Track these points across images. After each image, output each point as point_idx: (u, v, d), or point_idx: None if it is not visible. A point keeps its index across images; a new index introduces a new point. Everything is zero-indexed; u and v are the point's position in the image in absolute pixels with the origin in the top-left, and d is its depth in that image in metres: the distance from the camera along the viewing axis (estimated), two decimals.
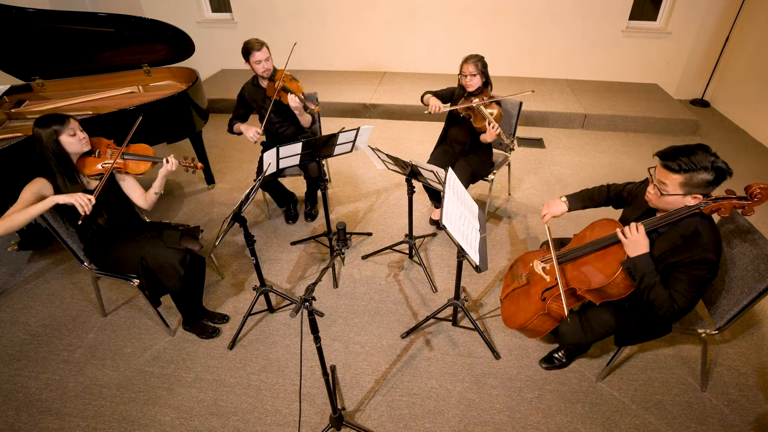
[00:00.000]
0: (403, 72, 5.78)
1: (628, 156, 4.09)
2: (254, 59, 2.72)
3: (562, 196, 2.05)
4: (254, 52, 2.70)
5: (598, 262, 1.72)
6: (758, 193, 1.42)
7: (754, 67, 4.50)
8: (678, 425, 1.90)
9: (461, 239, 1.69)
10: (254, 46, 2.70)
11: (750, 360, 2.17)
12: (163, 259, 2.07)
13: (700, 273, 1.48)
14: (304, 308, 1.41)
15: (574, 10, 5.03)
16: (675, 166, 1.45)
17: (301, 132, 3.04)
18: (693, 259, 1.47)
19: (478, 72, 2.63)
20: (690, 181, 1.45)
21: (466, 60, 2.65)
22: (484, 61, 2.66)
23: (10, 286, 2.73)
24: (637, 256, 1.53)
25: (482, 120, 2.59)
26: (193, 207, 3.46)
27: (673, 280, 1.53)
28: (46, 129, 1.90)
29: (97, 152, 2.11)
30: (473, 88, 2.67)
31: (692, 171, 1.43)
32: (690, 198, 1.49)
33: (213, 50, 5.87)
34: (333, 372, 2.13)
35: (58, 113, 1.96)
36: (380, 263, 2.84)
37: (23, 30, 2.93)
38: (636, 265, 1.53)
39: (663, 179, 1.51)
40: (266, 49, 2.73)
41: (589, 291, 1.71)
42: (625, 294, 1.66)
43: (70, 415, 1.99)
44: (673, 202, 1.53)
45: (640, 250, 1.53)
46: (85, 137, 2.03)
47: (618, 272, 1.60)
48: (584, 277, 1.74)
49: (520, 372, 2.14)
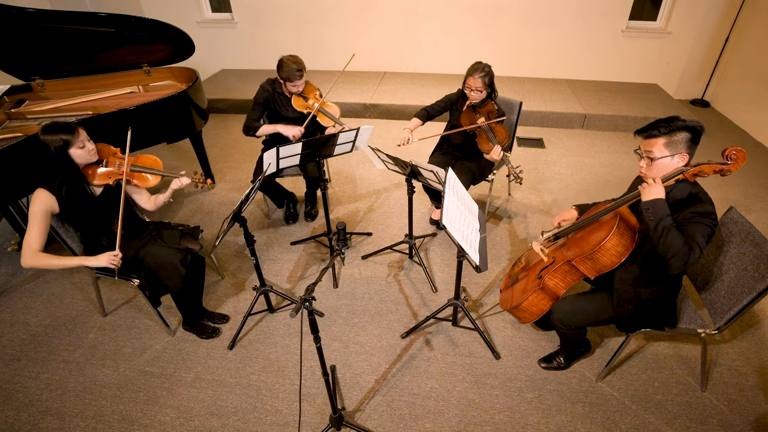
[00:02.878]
0: (403, 72, 5.78)
1: (628, 156, 4.09)
2: (292, 85, 2.69)
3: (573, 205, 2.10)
4: (295, 80, 2.65)
5: (592, 233, 1.80)
6: (734, 155, 1.52)
7: (754, 67, 4.50)
8: (678, 425, 1.90)
9: (461, 239, 1.70)
10: (294, 75, 2.63)
11: (750, 360, 2.17)
12: (163, 259, 2.07)
13: (707, 222, 1.55)
14: (304, 308, 1.41)
15: (574, 10, 5.03)
16: (655, 131, 1.59)
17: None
18: (697, 211, 1.56)
19: (484, 87, 2.52)
20: (672, 140, 1.57)
21: (471, 73, 2.52)
22: (492, 73, 2.53)
23: (10, 286, 2.73)
24: (653, 199, 1.59)
25: (487, 142, 2.54)
26: (193, 207, 3.46)
27: (684, 231, 1.57)
28: (54, 137, 1.87)
29: (104, 162, 2.09)
30: (477, 101, 2.60)
31: (671, 132, 1.57)
32: (678, 158, 1.59)
33: (213, 50, 5.87)
34: (333, 372, 2.13)
35: (66, 123, 1.93)
36: (380, 263, 2.84)
37: (23, 30, 2.93)
38: (654, 206, 1.58)
39: (649, 147, 1.62)
40: (304, 74, 2.69)
41: (582, 260, 1.78)
42: (618, 263, 1.72)
43: (70, 415, 1.99)
44: (665, 166, 1.61)
45: (656, 194, 1.59)
46: (94, 149, 2.01)
47: (609, 235, 1.67)
48: (579, 246, 1.81)
49: (520, 372, 2.14)
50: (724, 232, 1.87)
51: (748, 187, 3.59)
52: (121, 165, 2.09)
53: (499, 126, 2.58)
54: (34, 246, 1.89)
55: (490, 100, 2.65)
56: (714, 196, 1.64)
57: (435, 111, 2.82)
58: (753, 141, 4.38)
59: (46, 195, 1.92)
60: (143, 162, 2.22)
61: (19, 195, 2.47)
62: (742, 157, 1.51)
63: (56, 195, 1.94)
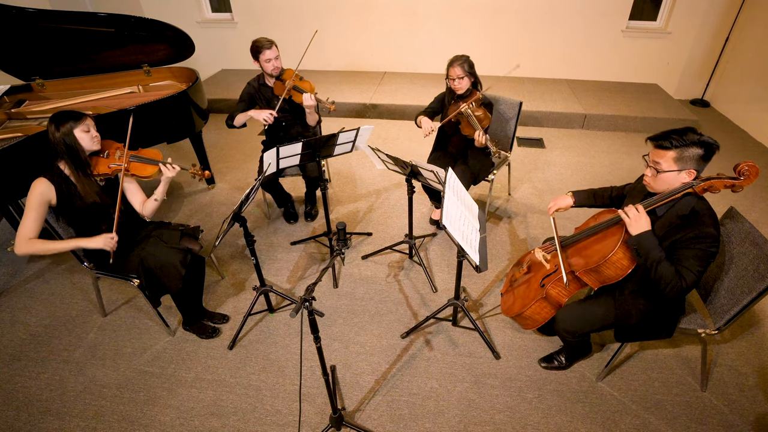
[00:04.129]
0: (403, 72, 5.78)
1: (628, 156, 4.09)
2: (264, 57, 2.71)
3: (569, 191, 2.07)
4: (264, 50, 2.69)
5: (596, 243, 1.76)
6: (746, 171, 1.48)
7: (754, 67, 4.50)
8: (678, 425, 1.90)
9: (461, 239, 1.70)
10: (264, 44, 2.70)
11: (750, 360, 2.17)
12: (163, 259, 2.07)
13: (703, 247, 1.52)
14: (304, 308, 1.41)
15: (574, 10, 5.03)
16: (667, 143, 1.54)
17: (305, 130, 3.05)
18: (695, 234, 1.52)
19: (465, 74, 2.56)
20: (682, 155, 1.52)
21: (451, 63, 2.58)
22: (470, 61, 2.59)
23: (10, 286, 2.73)
24: (639, 233, 1.58)
25: (470, 127, 2.56)
26: (193, 207, 3.46)
27: (678, 257, 1.56)
28: (63, 124, 1.91)
29: (105, 153, 2.11)
30: (462, 91, 2.62)
31: (683, 146, 1.51)
32: (684, 174, 1.54)
33: (213, 50, 5.87)
34: (333, 372, 2.13)
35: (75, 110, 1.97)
36: (380, 263, 2.84)
37: (23, 30, 2.93)
38: (640, 241, 1.57)
39: (657, 158, 1.58)
40: (275, 48, 2.73)
41: (586, 272, 1.75)
42: (623, 275, 1.69)
43: (70, 415, 1.99)
44: (670, 181, 1.57)
45: (642, 228, 1.58)
46: (97, 136, 2.04)
47: (615, 248, 1.64)
48: (583, 257, 1.78)
49: (520, 372, 2.14)
50: (724, 232, 1.87)
51: (748, 187, 3.58)
52: (122, 156, 2.11)
53: (481, 109, 2.59)
54: (29, 234, 1.89)
55: (476, 90, 2.67)
56: (714, 197, 1.63)
57: (431, 111, 2.84)
58: (753, 141, 4.38)
59: (46, 184, 1.92)
60: (143, 153, 2.23)
61: (19, 195, 2.47)
62: (755, 173, 1.47)
63: (56, 186, 1.94)
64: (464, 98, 2.65)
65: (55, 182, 1.94)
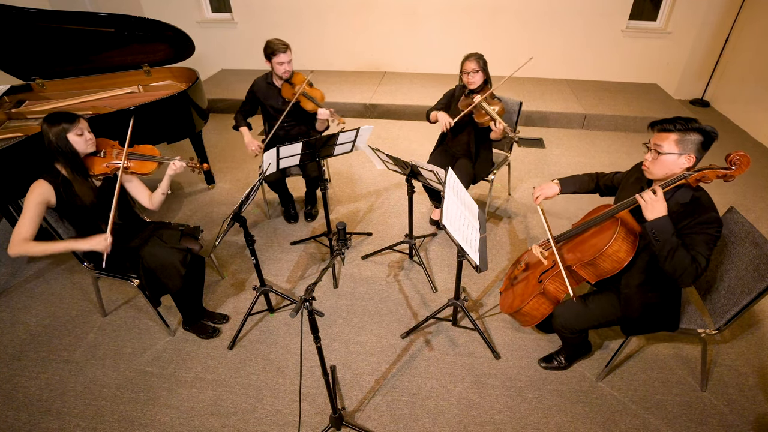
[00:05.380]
0: (403, 72, 5.78)
1: (628, 156, 4.09)
2: (278, 60, 2.72)
3: (554, 178, 2.07)
4: (279, 53, 2.70)
5: (593, 237, 1.77)
6: (737, 161, 1.50)
7: (754, 67, 4.50)
8: (678, 425, 1.90)
9: (461, 239, 1.70)
10: (279, 47, 2.70)
11: (750, 360, 2.17)
12: (163, 259, 2.07)
13: (711, 232, 1.53)
14: (304, 308, 1.41)
15: (574, 10, 5.03)
16: (670, 126, 1.57)
17: (308, 133, 3.06)
18: (701, 219, 1.54)
19: (480, 68, 2.65)
20: (683, 138, 1.55)
21: (467, 58, 2.68)
22: (484, 59, 2.69)
23: (10, 286, 2.73)
24: (657, 218, 1.55)
25: (485, 116, 2.59)
26: (193, 207, 3.46)
27: (688, 244, 1.55)
28: (55, 126, 1.89)
29: (102, 152, 2.10)
30: (475, 86, 2.68)
31: (685, 129, 1.54)
32: (684, 159, 1.56)
33: (213, 50, 5.87)
34: (333, 372, 2.13)
35: (68, 112, 1.95)
36: (380, 263, 2.84)
37: (23, 30, 2.93)
38: (658, 227, 1.55)
39: (659, 141, 1.59)
40: (290, 52, 2.74)
41: (583, 265, 1.75)
42: (620, 268, 1.69)
43: (70, 415, 1.99)
44: (669, 165, 1.58)
45: (659, 212, 1.55)
46: (92, 138, 2.02)
47: (612, 239, 1.64)
48: (579, 252, 1.79)
49: (520, 372, 2.14)
50: (724, 232, 1.87)
51: (748, 188, 3.59)
52: (119, 154, 2.11)
53: (495, 100, 2.65)
54: (25, 235, 1.86)
55: (486, 86, 2.73)
56: (714, 197, 1.63)
57: (441, 107, 2.86)
58: (753, 141, 4.38)
59: (46, 186, 1.92)
60: (140, 150, 2.23)
61: (19, 195, 2.47)
62: (746, 162, 1.49)
63: (55, 187, 1.94)
64: (477, 93, 2.70)
65: (54, 184, 1.94)
